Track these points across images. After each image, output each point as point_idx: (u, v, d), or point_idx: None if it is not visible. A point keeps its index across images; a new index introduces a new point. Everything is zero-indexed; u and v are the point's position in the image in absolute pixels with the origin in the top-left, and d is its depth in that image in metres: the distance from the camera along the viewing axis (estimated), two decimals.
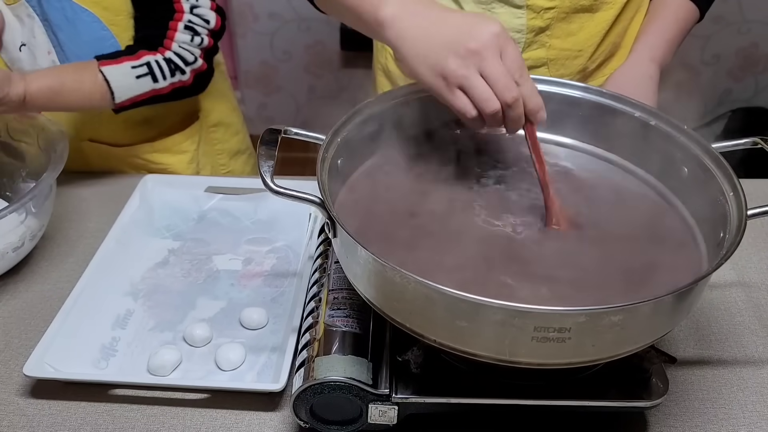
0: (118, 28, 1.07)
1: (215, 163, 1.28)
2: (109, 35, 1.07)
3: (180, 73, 1.07)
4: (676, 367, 0.80)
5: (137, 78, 1.04)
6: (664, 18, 1.09)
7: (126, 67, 1.03)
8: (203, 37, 1.08)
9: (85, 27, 1.06)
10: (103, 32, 1.07)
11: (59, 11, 1.04)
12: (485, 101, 0.68)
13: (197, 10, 1.07)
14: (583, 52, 1.08)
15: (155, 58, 1.05)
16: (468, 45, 0.67)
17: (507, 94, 0.68)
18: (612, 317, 0.57)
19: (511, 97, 0.68)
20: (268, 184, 0.65)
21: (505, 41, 0.68)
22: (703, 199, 0.73)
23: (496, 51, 0.68)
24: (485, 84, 0.68)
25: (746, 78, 2.54)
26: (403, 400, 0.68)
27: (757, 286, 0.93)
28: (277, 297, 0.91)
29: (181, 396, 0.78)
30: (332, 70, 2.59)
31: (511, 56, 0.69)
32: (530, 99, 0.70)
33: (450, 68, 0.68)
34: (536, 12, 1.03)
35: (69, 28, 1.06)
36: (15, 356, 0.83)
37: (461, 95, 0.69)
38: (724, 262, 0.60)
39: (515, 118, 0.71)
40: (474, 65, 0.68)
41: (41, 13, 1.05)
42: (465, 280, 0.66)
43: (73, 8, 1.04)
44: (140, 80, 1.04)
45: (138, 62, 1.04)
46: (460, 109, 0.70)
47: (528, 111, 0.71)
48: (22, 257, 0.94)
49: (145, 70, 1.04)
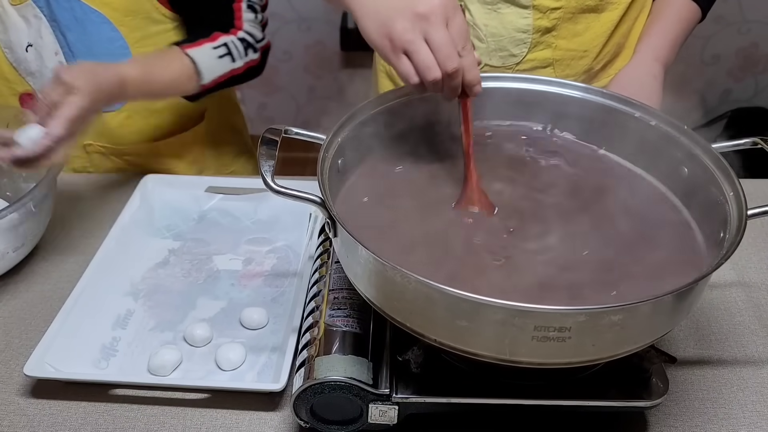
0: (127, 29, 1.07)
1: (218, 164, 1.28)
2: (119, 36, 1.07)
3: (252, 52, 1.09)
4: (676, 367, 0.80)
5: (219, 58, 1.05)
6: (667, 18, 1.09)
7: (207, 48, 1.05)
8: (261, 14, 1.11)
9: (95, 28, 1.06)
10: (113, 33, 1.07)
11: (68, 12, 1.04)
12: (427, 69, 0.69)
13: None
14: (589, 52, 1.08)
15: (230, 38, 1.07)
16: (416, 8, 0.68)
17: (448, 63, 0.69)
18: (612, 317, 0.57)
19: (451, 67, 0.69)
20: (269, 184, 0.65)
21: (453, 10, 0.70)
22: (703, 199, 0.74)
23: (443, 18, 0.69)
24: (429, 51, 0.69)
25: (746, 78, 2.54)
26: (403, 400, 0.68)
27: (757, 286, 0.93)
28: (278, 297, 0.91)
29: (181, 396, 0.78)
30: (332, 70, 2.60)
31: (457, 25, 0.70)
32: (469, 71, 0.72)
33: (396, 30, 0.69)
34: (542, 12, 1.03)
35: (78, 29, 1.06)
36: (15, 356, 0.83)
37: (405, 60, 0.70)
38: (724, 262, 0.61)
39: (453, 87, 0.72)
40: (420, 30, 0.69)
41: (49, 14, 1.05)
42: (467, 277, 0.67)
43: (83, 9, 1.04)
44: (221, 60, 1.06)
45: (216, 43, 1.05)
46: (402, 74, 0.71)
47: (466, 82, 0.72)
48: (22, 257, 0.94)
49: (225, 50, 1.06)
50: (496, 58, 1.08)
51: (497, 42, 1.07)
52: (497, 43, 1.07)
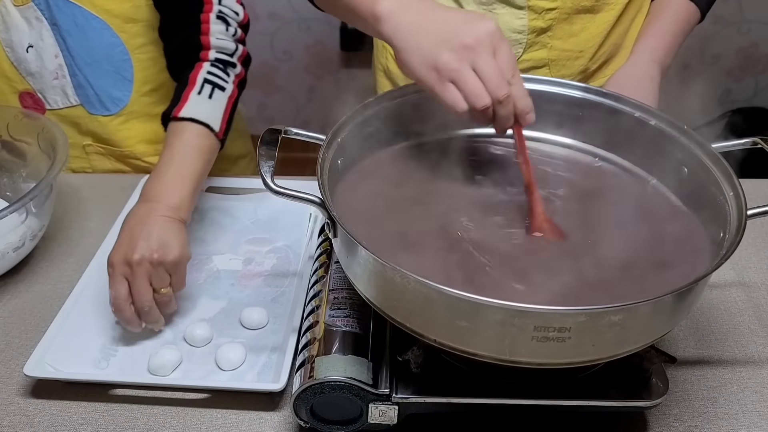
0: (127, 35, 1.07)
1: (219, 167, 1.28)
2: (119, 42, 1.07)
3: (232, 67, 1.01)
4: (676, 367, 0.80)
5: (210, 98, 0.97)
6: (664, 19, 1.09)
7: (193, 98, 0.96)
8: (236, 28, 1.04)
9: (95, 33, 1.06)
10: (113, 39, 1.07)
11: (69, 17, 1.05)
12: (476, 96, 0.69)
13: (225, 1, 1.03)
14: (585, 52, 1.08)
15: (205, 72, 0.98)
16: (463, 40, 0.68)
17: (498, 91, 0.69)
18: (612, 317, 0.57)
19: (502, 94, 0.69)
20: (269, 184, 0.65)
21: (499, 40, 0.69)
22: (703, 199, 0.74)
23: (490, 49, 0.69)
24: (477, 79, 0.69)
25: (746, 78, 2.54)
26: (403, 400, 0.68)
27: (757, 286, 0.93)
28: (278, 297, 0.91)
29: (181, 396, 0.78)
30: (332, 70, 2.60)
31: (505, 56, 0.69)
32: (520, 100, 0.71)
33: (443, 61, 0.69)
34: (538, 13, 1.03)
35: (78, 34, 1.06)
36: (15, 356, 0.83)
37: (452, 88, 0.69)
38: (724, 262, 0.61)
39: (505, 116, 0.71)
40: (467, 60, 0.68)
41: (50, 17, 1.05)
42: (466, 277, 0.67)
43: (84, 15, 1.04)
44: (214, 99, 0.97)
45: (197, 87, 0.97)
46: (450, 102, 0.70)
47: (518, 112, 0.72)
48: (22, 257, 0.94)
49: (209, 87, 0.97)
50: None
51: None
52: None
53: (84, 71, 1.09)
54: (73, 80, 1.10)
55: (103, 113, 1.13)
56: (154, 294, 0.83)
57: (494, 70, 0.68)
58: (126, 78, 1.11)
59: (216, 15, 1.01)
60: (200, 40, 1.00)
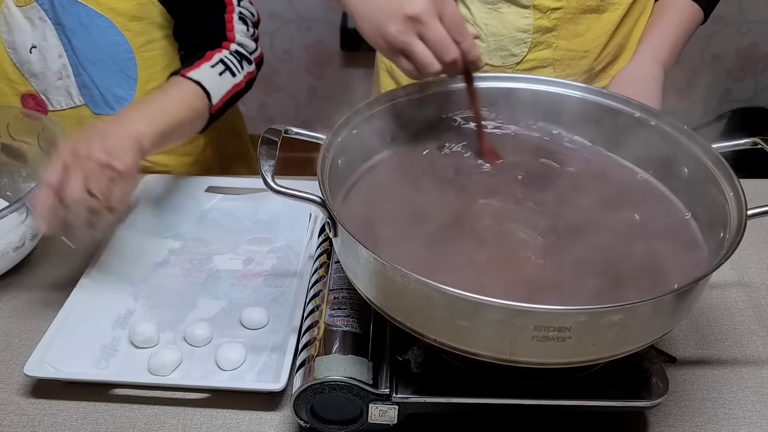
0: (132, 33, 1.07)
1: (220, 166, 1.29)
2: (124, 41, 1.07)
3: (247, 63, 1.07)
4: (676, 367, 0.80)
5: (220, 75, 1.03)
6: (668, 19, 1.09)
7: (206, 68, 1.02)
8: (252, 28, 1.10)
9: (100, 32, 1.06)
10: (118, 38, 1.07)
11: (74, 16, 1.05)
12: (427, 65, 0.72)
13: (243, 2, 1.09)
14: (590, 52, 1.08)
15: (223, 54, 1.05)
16: (406, 11, 0.70)
17: (446, 56, 0.72)
18: (612, 317, 0.57)
19: (450, 59, 0.72)
20: (269, 184, 0.65)
21: (442, 3, 0.71)
22: (703, 199, 0.74)
23: (434, 14, 0.70)
24: (425, 48, 0.71)
25: (746, 78, 2.54)
26: (403, 400, 0.68)
27: (757, 286, 0.93)
28: (278, 297, 0.91)
29: (181, 396, 0.78)
30: (332, 70, 2.59)
31: (449, 15, 0.71)
32: (470, 53, 0.74)
33: (390, 33, 0.71)
34: (543, 12, 1.03)
35: (83, 33, 1.06)
36: (15, 356, 0.83)
37: (404, 60, 0.73)
38: (724, 262, 0.61)
39: (456, 71, 0.76)
40: (414, 31, 0.71)
41: (54, 17, 1.05)
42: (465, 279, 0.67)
43: (89, 13, 1.04)
44: (223, 77, 1.03)
45: (212, 61, 1.03)
46: (404, 71, 0.74)
47: (468, 63, 0.75)
48: (22, 257, 0.94)
49: (222, 66, 1.03)
50: (496, 58, 1.08)
51: (497, 41, 1.07)
52: (497, 43, 1.07)
53: (89, 71, 1.09)
54: (77, 80, 1.10)
55: (108, 112, 1.13)
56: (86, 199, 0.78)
57: (440, 35, 0.71)
58: (130, 77, 1.11)
59: (238, 16, 1.07)
60: (226, 36, 1.06)
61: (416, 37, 0.71)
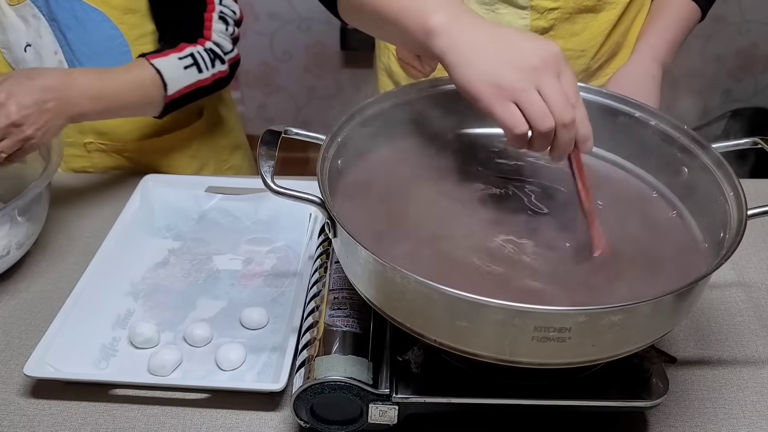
0: (126, 27, 1.08)
1: (217, 159, 1.29)
2: (119, 34, 1.08)
3: (220, 63, 1.09)
4: (676, 367, 0.80)
5: (185, 69, 1.05)
6: (666, 18, 1.09)
7: (173, 58, 1.04)
8: (233, 27, 1.11)
9: (95, 26, 1.06)
10: (113, 31, 1.07)
11: (68, 11, 1.05)
12: (541, 117, 0.65)
13: (225, 0, 1.10)
14: (587, 52, 1.08)
15: (197, 49, 1.07)
16: (529, 61, 0.66)
17: (565, 114, 0.66)
18: (612, 317, 0.57)
19: (569, 118, 0.66)
20: (269, 184, 0.65)
21: (563, 64, 0.67)
22: (703, 199, 0.74)
23: (555, 71, 0.66)
24: (542, 101, 0.66)
25: (746, 78, 2.54)
26: (403, 400, 0.68)
27: (757, 286, 0.93)
28: (278, 297, 0.91)
29: (181, 396, 0.78)
30: (332, 70, 2.60)
31: (569, 79, 0.67)
32: (582, 125, 0.68)
33: (508, 80, 0.66)
34: (540, 13, 1.03)
35: (78, 28, 1.06)
36: (15, 356, 0.83)
37: (514, 109, 0.66)
38: (724, 262, 0.61)
39: (567, 141, 0.67)
40: (532, 81, 0.66)
41: (48, 13, 1.05)
42: (465, 279, 0.67)
43: (83, 8, 1.05)
44: (187, 71, 1.05)
45: (183, 53, 1.05)
46: (509, 123, 0.66)
47: (579, 137, 0.68)
48: (18, 258, 0.94)
49: (191, 60, 1.06)
50: None
51: None
52: None
53: (85, 66, 1.09)
54: None
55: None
56: None
57: (560, 92, 0.66)
58: None
59: (218, 15, 1.08)
60: (203, 34, 1.07)
61: (534, 88, 0.65)
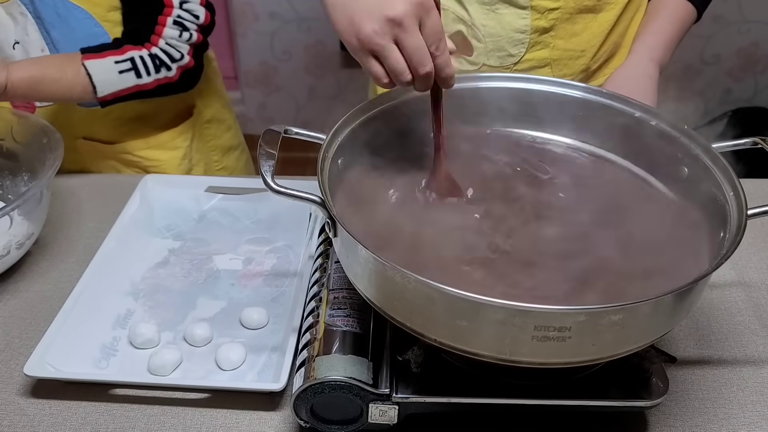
0: (110, 24, 1.07)
1: (209, 159, 1.28)
2: (102, 32, 1.07)
3: (166, 69, 1.07)
4: (676, 367, 0.80)
5: (120, 73, 1.03)
6: (662, 18, 1.09)
7: (109, 61, 1.03)
8: (192, 33, 1.07)
9: (78, 24, 1.06)
10: (96, 29, 1.07)
11: (51, 8, 1.04)
12: (398, 73, 0.68)
13: (186, 5, 1.06)
14: (586, 52, 1.09)
15: (140, 53, 1.05)
16: (387, 12, 0.65)
17: (420, 68, 0.68)
18: (612, 316, 0.57)
19: (424, 71, 0.68)
20: (269, 184, 0.65)
21: (426, 10, 0.67)
22: (703, 199, 0.74)
23: (415, 20, 0.66)
24: (400, 55, 0.67)
25: (746, 78, 2.54)
26: (403, 400, 0.68)
27: (757, 286, 0.93)
28: (278, 297, 0.91)
29: (181, 396, 0.78)
30: (332, 70, 2.60)
31: (431, 24, 0.67)
32: (443, 69, 0.70)
33: (365, 33, 0.67)
34: (540, 13, 1.04)
35: (62, 26, 1.06)
36: (15, 356, 0.83)
37: (374, 62, 0.68)
38: (724, 262, 0.61)
39: (426, 85, 0.71)
40: (390, 34, 0.66)
41: (33, 11, 1.05)
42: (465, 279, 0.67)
43: (66, 5, 1.04)
44: (123, 75, 1.04)
45: (122, 57, 1.03)
46: (373, 75, 0.69)
47: (440, 79, 0.71)
48: (18, 258, 0.94)
49: (129, 65, 1.04)
50: (494, 58, 1.08)
51: (495, 42, 1.07)
52: (495, 44, 1.07)
53: None
54: None
55: (94, 105, 1.13)
56: None
57: (417, 45, 0.67)
58: None
59: (173, 20, 1.05)
60: (149, 39, 1.06)
61: (392, 41, 0.67)
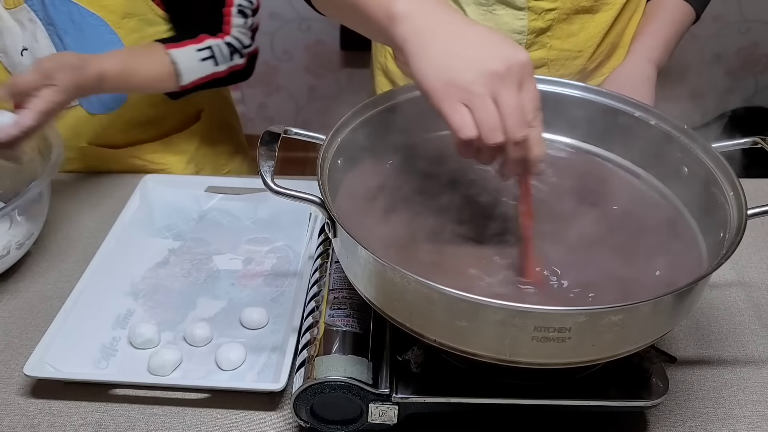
0: (124, 31, 1.07)
1: (216, 163, 1.29)
2: (116, 39, 1.07)
3: (238, 57, 1.10)
4: (676, 367, 0.80)
5: (201, 60, 1.07)
6: (660, 19, 1.09)
7: (191, 50, 1.06)
8: (252, 19, 1.12)
9: (93, 31, 1.06)
10: (110, 36, 1.07)
11: (65, 15, 1.04)
12: (491, 130, 0.60)
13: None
14: (583, 52, 1.08)
15: (216, 42, 1.08)
16: (492, 64, 0.60)
17: (517, 130, 0.60)
18: (612, 317, 0.57)
19: (520, 136, 0.61)
20: (269, 184, 0.65)
21: (529, 75, 0.61)
22: (703, 199, 0.74)
23: (518, 81, 0.60)
24: (495, 110, 0.60)
25: (746, 78, 2.54)
26: (403, 400, 0.68)
27: (757, 286, 0.93)
28: (278, 297, 0.91)
29: (181, 396, 0.78)
30: (332, 70, 2.60)
31: (530, 93, 0.61)
32: (536, 146, 0.63)
33: (463, 80, 0.60)
34: (537, 13, 1.04)
35: (75, 32, 1.06)
36: (15, 356, 0.83)
37: (465, 111, 0.60)
38: (724, 262, 0.61)
39: (516, 160, 0.63)
40: (490, 87, 0.60)
41: (45, 17, 1.05)
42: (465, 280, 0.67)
43: (80, 12, 1.04)
44: (204, 63, 1.07)
45: (201, 45, 1.07)
46: (456, 124, 0.61)
47: (530, 158, 0.63)
48: (18, 258, 0.94)
49: (209, 53, 1.07)
50: None
51: None
52: None
53: None
54: None
55: (103, 112, 1.13)
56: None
57: (517, 105, 0.60)
58: None
59: (237, 9, 1.10)
60: (222, 29, 1.09)
61: (490, 95, 0.59)
